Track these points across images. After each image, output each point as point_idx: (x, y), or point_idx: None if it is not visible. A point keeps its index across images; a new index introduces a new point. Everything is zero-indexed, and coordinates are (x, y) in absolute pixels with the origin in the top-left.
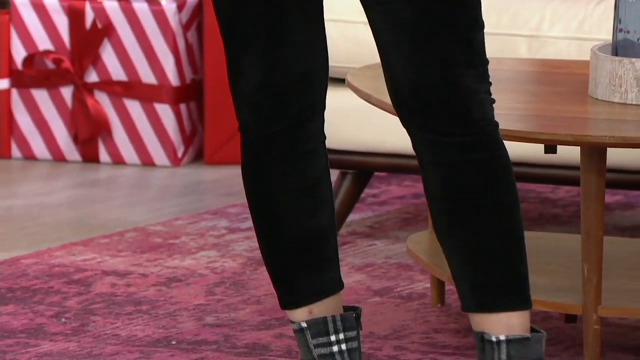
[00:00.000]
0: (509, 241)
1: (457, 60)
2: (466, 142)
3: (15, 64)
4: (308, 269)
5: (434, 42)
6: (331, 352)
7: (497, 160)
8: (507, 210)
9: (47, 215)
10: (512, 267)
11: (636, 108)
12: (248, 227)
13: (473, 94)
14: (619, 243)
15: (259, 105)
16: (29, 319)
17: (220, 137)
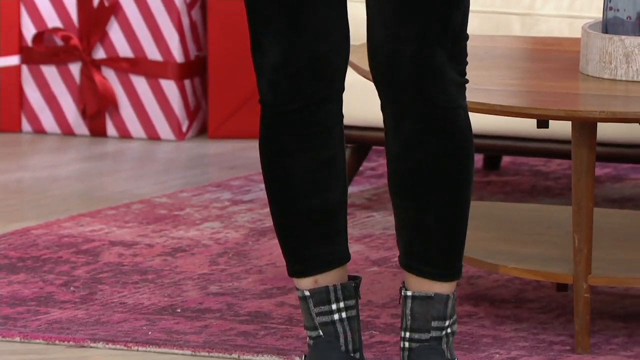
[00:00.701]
0: (448, 221)
1: (431, 37)
2: (424, 120)
3: (25, 41)
4: (317, 241)
5: (412, 17)
6: (332, 320)
7: (452, 143)
8: (452, 193)
9: (57, 188)
10: (444, 245)
11: (625, 84)
12: (250, 199)
13: (440, 74)
14: (609, 214)
15: (276, 83)
16: (39, 288)
17: (223, 112)
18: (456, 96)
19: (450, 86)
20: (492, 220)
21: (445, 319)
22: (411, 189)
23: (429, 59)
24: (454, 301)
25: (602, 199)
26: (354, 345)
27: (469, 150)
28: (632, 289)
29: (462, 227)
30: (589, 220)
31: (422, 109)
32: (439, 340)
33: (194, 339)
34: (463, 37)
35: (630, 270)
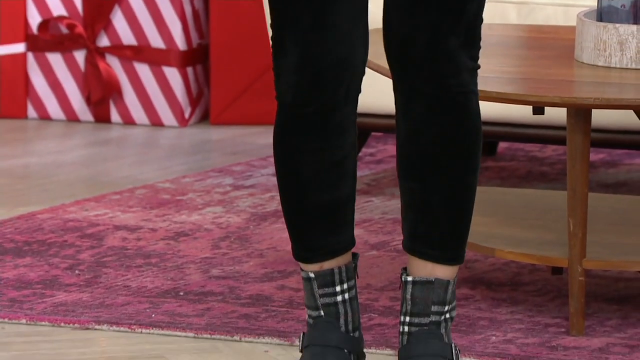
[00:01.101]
0: (453, 204)
1: (445, 26)
2: (434, 104)
3: (31, 29)
4: (324, 232)
5: (428, 6)
6: (335, 301)
7: (462, 127)
8: (459, 178)
9: (62, 173)
10: (448, 228)
11: (619, 71)
12: (252, 184)
13: (453, 60)
14: (603, 199)
15: (296, 84)
16: (44, 271)
17: (225, 99)
18: (468, 81)
19: (462, 71)
20: (488, 205)
21: (444, 304)
22: (419, 170)
23: (443, 46)
24: (454, 287)
25: (597, 184)
26: (353, 324)
27: (477, 136)
28: (626, 272)
29: (466, 212)
30: (583, 205)
31: (434, 92)
32: (438, 325)
33: (197, 322)
34: (477, 24)
35: (624, 253)
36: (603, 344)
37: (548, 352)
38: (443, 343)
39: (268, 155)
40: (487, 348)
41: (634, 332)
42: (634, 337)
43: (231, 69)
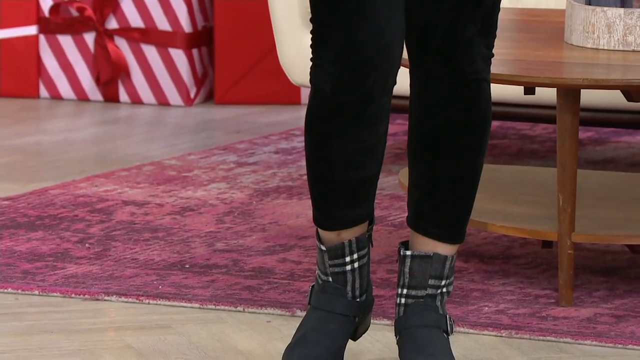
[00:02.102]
0: (459, 186)
1: (464, 14)
2: (448, 89)
3: (43, 12)
4: (347, 205)
5: None
6: (344, 270)
7: (473, 112)
8: (467, 161)
9: (72, 150)
10: (453, 208)
11: (607, 52)
12: (254, 161)
13: (469, 47)
14: (591, 175)
15: (336, 74)
16: (56, 244)
17: (229, 79)
18: (482, 68)
19: (477, 59)
20: (481, 181)
21: (441, 279)
22: (429, 152)
23: (460, 34)
24: (452, 263)
25: (585, 160)
26: (360, 290)
27: (487, 122)
28: (613, 245)
29: (471, 194)
30: (572, 181)
31: (449, 78)
32: (434, 298)
33: (202, 293)
34: (495, 12)
35: (611, 227)
36: (591, 314)
37: (538, 322)
38: (438, 315)
39: (270, 134)
40: (480, 318)
41: (621, 303)
42: (620, 308)
43: (235, 51)
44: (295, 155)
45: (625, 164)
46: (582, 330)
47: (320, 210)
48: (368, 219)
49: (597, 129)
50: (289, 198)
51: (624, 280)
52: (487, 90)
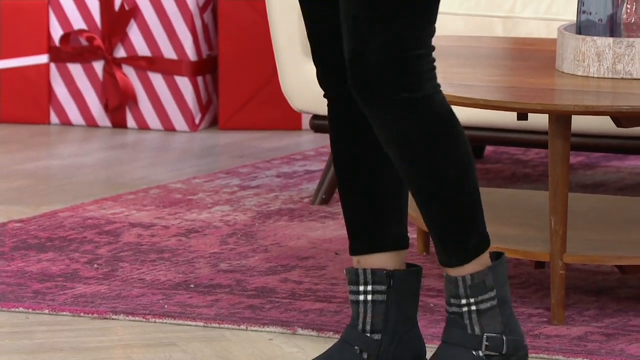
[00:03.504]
0: (430, 209)
1: (363, 18)
2: (372, 113)
3: (53, 42)
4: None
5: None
6: (357, 299)
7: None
8: (427, 179)
9: (81, 174)
10: (437, 234)
11: (597, 80)
12: (257, 185)
13: (374, 64)
14: (582, 199)
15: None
16: (65, 265)
17: (233, 106)
18: (396, 83)
19: (385, 73)
20: None
21: (459, 298)
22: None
23: (362, 45)
24: (470, 283)
25: (576, 184)
26: (372, 327)
27: (427, 136)
28: (603, 266)
29: (448, 217)
30: (564, 204)
31: (361, 103)
32: (460, 315)
33: (206, 312)
34: (401, 15)
35: (602, 249)
36: (582, 333)
37: (531, 340)
38: (465, 333)
39: (272, 158)
40: None
41: (611, 322)
42: (610, 326)
43: (238, 78)
44: (296, 178)
45: (614, 187)
46: (574, 348)
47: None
48: (385, 249)
49: (588, 154)
50: (290, 220)
51: (613, 299)
52: (415, 131)
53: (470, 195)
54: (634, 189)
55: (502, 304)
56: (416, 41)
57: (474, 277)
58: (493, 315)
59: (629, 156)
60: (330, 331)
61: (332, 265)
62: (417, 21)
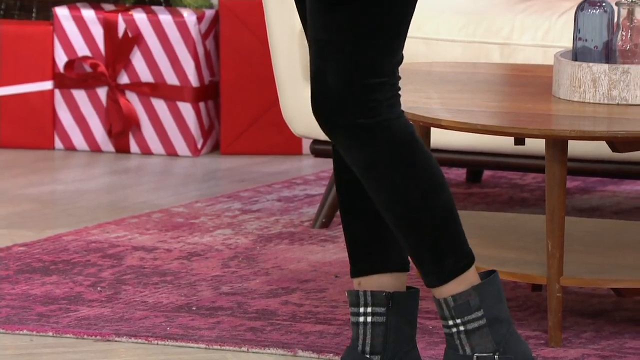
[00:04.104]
0: (400, 231)
1: (325, 42)
2: (332, 137)
3: (58, 68)
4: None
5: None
6: (357, 321)
7: (350, 159)
8: (392, 202)
9: (85, 199)
10: (412, 254)
11: (593, 106)
12: (258, 208)
13: (331, 88)
14: (579, 223)
15: None
16: (69, 288)
17: (234, 131)
18: (350, 111)
19: (342, 103)
20: (474, 228)
21: (446, 319)
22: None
23: (321, 71)
24: (454, 303)
25: (573, 208)
26: (372, 348)
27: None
28: (599, 289)
29: (419, 239)
30: (560, 228)
31: (325, 130)
32: (451, 336)
33: (208, 334)
34: (354, 41)
35: (598, 272)
36: (579, 355)
37: None
38: (457, 355)
39: (273, 183)
40: None
41: (607, 344)
42: (606, 349)
43: (239, 104)
44: (296, 202)
45: (610, 211)
46: None
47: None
48: (382, 270)
49: (584, 179)
50: (291, 244)
51: (610, 322)
52: (375, 155)
53: (442, 215)
54: (629, 213)
55: (493, 323)
56: (375, 68)
57: (456, 298)
58: (482, 334)
59: (624, 181)
60: (330, 353)
61: (332, 287)
62: (378, 49)
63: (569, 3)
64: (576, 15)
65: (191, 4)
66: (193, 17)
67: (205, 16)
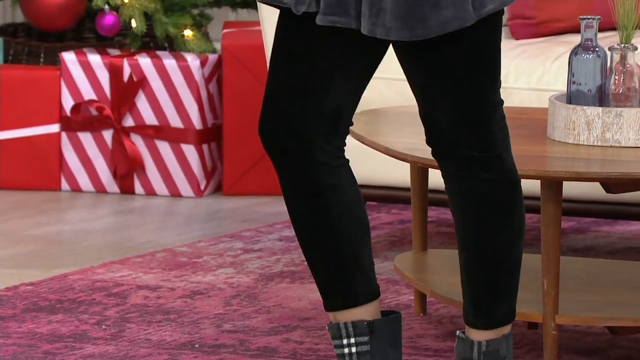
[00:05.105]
0: (473, 272)
1: (428, 86)
2: (446, 182)
3: (65, 111)
4: (330, 287)
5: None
6: (342, 353)
7: (466, 207)
8: (474, 247)
9: (91, 239)
10: (470, 293)
11: (587, 148)
12: (260, 248)
13: (444, 144)
14: (574, 262)
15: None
16: (74, 326)
17: (237, 173)
18: (467, 166)
19: (459, 157)
20: None
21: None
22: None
23: (434, 125)
24: (485, 348)
25: (567, 248)
26: None
27: (483, 213)
28: (594, 327)
29: (488, 280)
30: (556, 267)
31: (442, 172)
32: None
33: None
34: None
35: (593, 310)
36: None
37: None
38: None
39: (274, 223)
40: None
41: None
42: None
43: (242, 146)
44: (297, 242)
45: (604, 251)
46: None
47: (318, 289)
48: (356, 304)
49: (578, 219)
50: (292, 282)
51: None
52: (482, 187)
53: (515, 263)
54: (623, 253)
55: None
56: (487, 101)
57: (490, 344)
58: None
59: (618, 221)
60: None
61: None
62: (485, 83)
63: (563, 48)
64: (570, 59)
65: (195, 49)
66: (196, 61)
67: (208, 60)
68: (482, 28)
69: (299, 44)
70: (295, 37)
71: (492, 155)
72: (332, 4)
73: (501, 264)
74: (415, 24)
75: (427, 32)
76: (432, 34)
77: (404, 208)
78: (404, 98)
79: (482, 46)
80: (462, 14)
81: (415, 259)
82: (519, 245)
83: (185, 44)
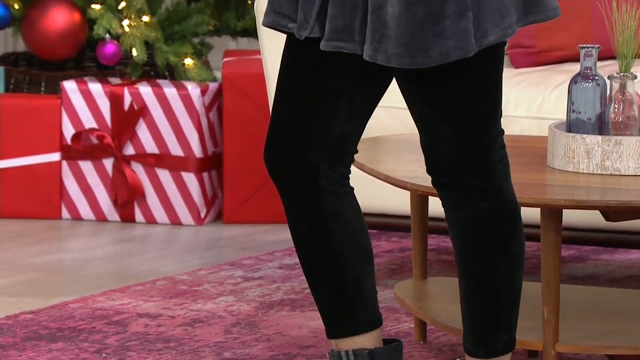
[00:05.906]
0: (473, 301)
1: (428, 114)
2: (446, 210)
3: (65, 140)
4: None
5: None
6: None
7: (466, 237)
8: (477, 277)
9: (91, 267)
10: (467, 320)
11: (587, 176)
12: (260, 276)
13: (445, 173)
14: (573, 290)
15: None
16: (75, 355)
17: (237, 201)
18: (467, 196)
19: (458, 187)
20: None
21: None
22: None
23: (434, 155)
24: None
25: (567, 276)
26: None
27: (485, 242)
28: (594, 355)
29: (488, 308)
30: (556, 295)
31: (442, 200)
32: None
33: None
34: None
35: (593, 338)
36: None
37: None
38: None
39: (275, 251)
40: None
41: None
42: None
43: (242, 175)
44: (297, 270)
45: (604, 280)
46: None
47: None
48: (357, 332)
49: (578, 247)
50: (292, 310)
51: None
52: (482, 216)
53: (514, 292)
54: (623, 282)
55: None
56: (487, 130)
57: None
58: None
59: (617, 249)
60: None
61: None
62: (485, 113)
63: (563, 76)
64: (570, 88)
65: (195, 77)
66: (197, 90)
67: (209, 89)
68: (484, 58)
69: (304, 69)
70: (301, 62)
71: (491, 184)
72: (337, 29)
73: (501, 292)
74: (417, 52)
75: (428, 61)
76: (433, 63)
77: (404, 236)
78: (405, 126)
79: (483, 76)
80: (465, 44)
81: (416, 287)
82: (518, 274)
83: (186, 73)
